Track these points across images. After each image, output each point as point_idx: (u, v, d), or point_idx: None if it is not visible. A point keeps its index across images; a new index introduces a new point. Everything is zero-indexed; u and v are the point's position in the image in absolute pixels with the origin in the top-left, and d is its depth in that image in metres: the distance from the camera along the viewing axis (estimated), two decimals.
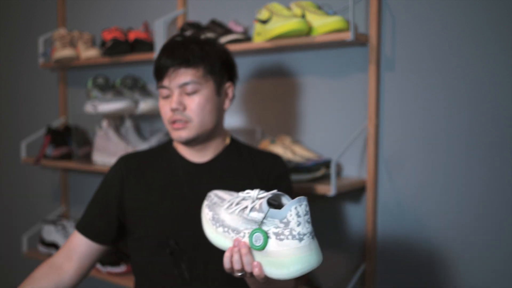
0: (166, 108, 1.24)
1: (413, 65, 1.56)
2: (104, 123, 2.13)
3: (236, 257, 0.90)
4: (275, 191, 0.92)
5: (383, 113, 1.61)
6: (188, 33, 1.83)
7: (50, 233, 2.29)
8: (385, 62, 1.60)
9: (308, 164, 1.57)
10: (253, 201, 0.91)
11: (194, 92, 1.21)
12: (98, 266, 2.05)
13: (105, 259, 2.03)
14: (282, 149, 1.65)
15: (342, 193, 1.64)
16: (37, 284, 1.20)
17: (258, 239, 0.87)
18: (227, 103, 1.30)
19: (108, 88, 2.10)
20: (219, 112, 1.27)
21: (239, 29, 1.79)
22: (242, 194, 0.95)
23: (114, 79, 2.19)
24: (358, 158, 1.66)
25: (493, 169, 1.44)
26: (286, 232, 0.85)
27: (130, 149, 2.00)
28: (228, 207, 0.97)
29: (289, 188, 1.32)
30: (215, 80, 1.24)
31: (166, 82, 1.22)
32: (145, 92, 2.10)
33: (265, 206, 0.87)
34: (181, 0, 2.06)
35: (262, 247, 0.87)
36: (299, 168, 1.57)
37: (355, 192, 1.67)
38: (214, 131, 1.27)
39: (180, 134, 1.23)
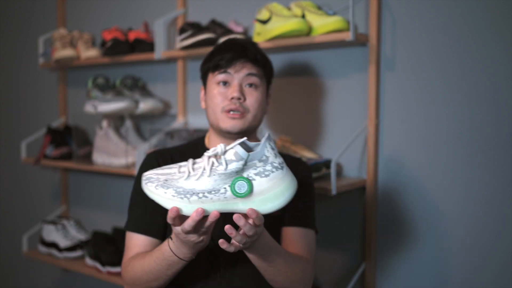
0: (222, 96, 1.26)
1: (413, 65, 1.56)
2: (104, 123, 2.13)
3: (247, 227, 0.94)
4: (244, 138, 0.95)
5: (383, 113, 1.61)
6: (188, 33, 1.83)
7: (50, 233, 2.29)
8: (385, 62, 1.60)
9: (308, 164, 1.57)
10: (222, 154, 0.93)
11: (254, 86, 1.27)
12: (98, 266, 2.05)
13: (105, 259, 2.03)
14: (282, 149, 1.65)
15: (342, 193, 1.64)
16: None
17: (242, 187, 0.92)
18: (267, 108, 1.35)
19: (108, 88, 2.10)
20: (264, 114, 1.32)
21: (239, 29, 1.79)
22: (206, 154, 0.95)
23: (114, 79, 2.19)
24: (358, 158, 1.66)
25: (493, 169, 1.44)
26: (268, 167, 0.93)
27: (130, 149, 2.00)
28: (188, 176, 0.95)
29: (311, 191, 1.32)
30: (266, 84, 1.32)
31: (231, 70, 1.25)
32: (145, 92, 2.09)
33: (243, 153, 0.91)
34: (181, 0, 2.06)
35: (248, 192, 0.91)
36: None
37: (355, 192, 1.67)
38: (255, 130, 1.32)
39: (235, 124, 1.24)
